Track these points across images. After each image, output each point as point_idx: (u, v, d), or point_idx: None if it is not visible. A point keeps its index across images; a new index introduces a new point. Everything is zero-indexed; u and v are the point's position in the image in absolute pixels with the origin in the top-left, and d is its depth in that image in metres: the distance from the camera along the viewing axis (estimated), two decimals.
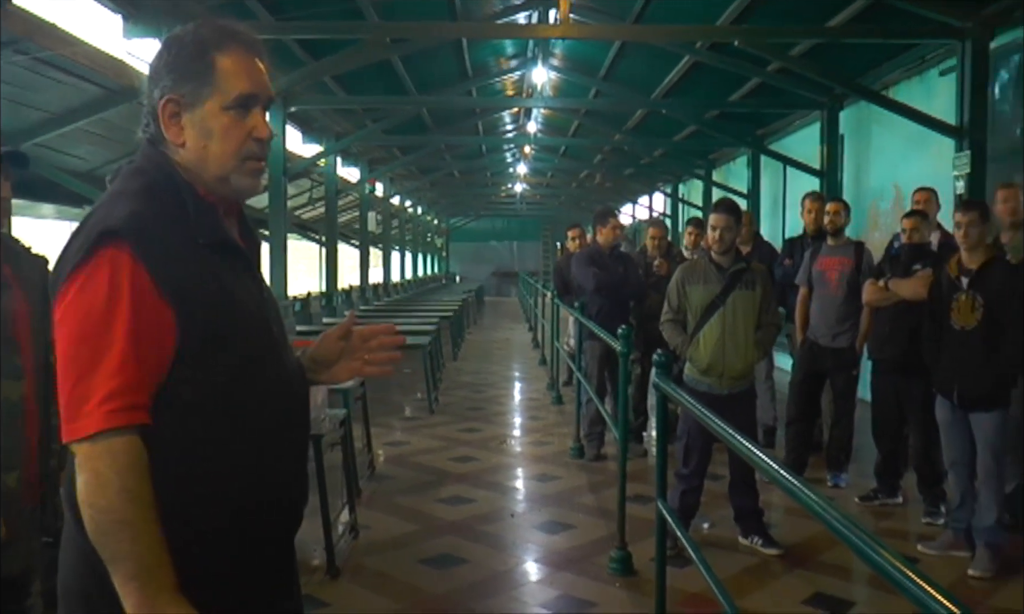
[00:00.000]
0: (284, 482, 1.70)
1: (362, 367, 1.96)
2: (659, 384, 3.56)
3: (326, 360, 1.95)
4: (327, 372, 1.95)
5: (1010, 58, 7.76)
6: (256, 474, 1.61)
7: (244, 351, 1.60)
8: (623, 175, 23.61)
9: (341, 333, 1.95)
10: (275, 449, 1.66)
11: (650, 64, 12.01)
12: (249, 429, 1.60)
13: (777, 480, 2.16)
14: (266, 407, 1.64)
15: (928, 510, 5.71)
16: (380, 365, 1.98)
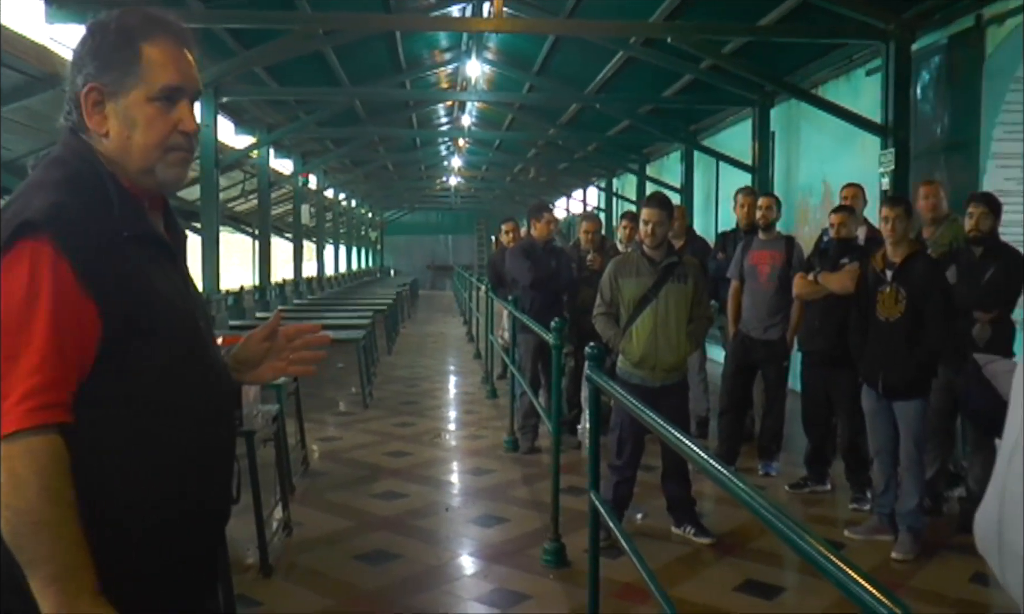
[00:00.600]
0: (210, 480, 1.66)
1: (287, 367, 1.94)
2: (592, 377, 3.58)
3: (250, 360, 1.92)
4: (251, 372, 1.92)
5: (931, 60, 7.97)
6: (181, 472, 1.57)
7: (169, 347, 1.56)
8: (557, 169, 23.70)
9: (265, 334, 1.92)
10: (201, 447, 1.63)
11: (584, 59, 12.07)
12: (174, 426, 1.56)
13: (707, 470, 2.19)
14: (192, 404, 1.60)
15: (855, 496, 5.86)
16: (304, 365, 1.97)
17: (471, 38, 13.38)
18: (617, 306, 5.19)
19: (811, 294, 5.93)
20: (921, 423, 5.01)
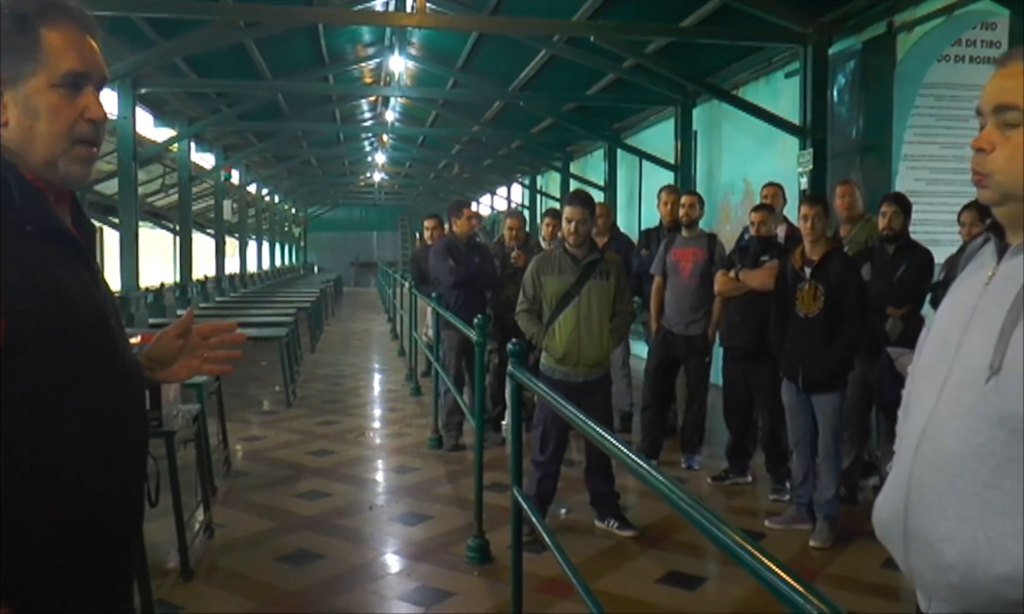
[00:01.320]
0: (121, 481, 1.61)
1: (201, 365, 1.89)
2: (514, 373, 3.58)
3: (163, 358, 1.87)
4: (165, 371, 1.87)
5: (846, 64, 8.19)
6: (90, 473, 1.52)
7: (78, 345, 1.50)
8: (481, 166, 23.68)
9: (178, 332, 1.87)
10: (111, 447, 1.57)
11: (508, 56, 12.07)
12: (83, 426, 1.50)
13: (627, 464, 2.21)
14: (100, 404, 1.54)
15: (775, 487, 5.99)
16: (220, 363, 1.92)
17: (394, 33, 13.29)
18: (540, 303, 5.20)
19: (732, 291, 6.04)
20: (839, 415, 5.15)
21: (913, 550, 1.59)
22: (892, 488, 1.68)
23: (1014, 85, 1.54)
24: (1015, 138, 1.54)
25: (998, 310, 1.52)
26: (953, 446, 1.52)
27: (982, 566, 1.47)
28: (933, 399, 1.60)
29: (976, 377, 1.51)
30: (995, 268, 1.60)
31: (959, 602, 1.53)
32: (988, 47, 8.04)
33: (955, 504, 1.51)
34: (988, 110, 1.58)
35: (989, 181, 1.57)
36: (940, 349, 1.64)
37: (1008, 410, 1.45)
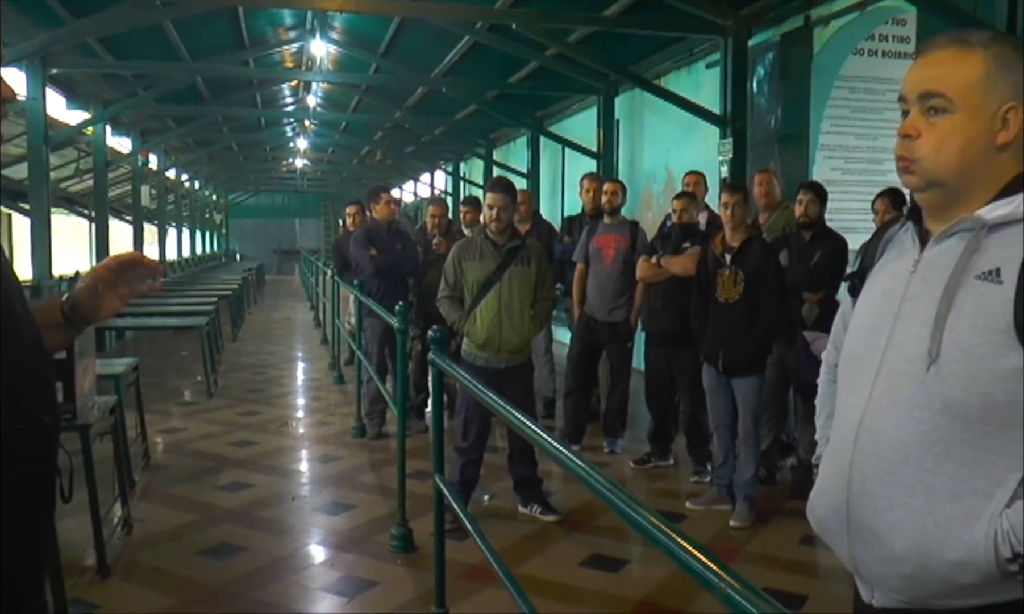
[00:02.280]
0: (26, 475, 1.55)
1: (126, 293, 1.83)
2: (435, 360, 3.57)
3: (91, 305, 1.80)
4: (95, 315, 1.81)
5: (765, 55, 8.34)
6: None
7: None
8: (404, 153, 23.51)
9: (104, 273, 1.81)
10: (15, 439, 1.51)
11: (430, 42, 11.98)
12: None
13: (547, 450, 2.22)
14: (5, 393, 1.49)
15: (696, 469, 6.10)
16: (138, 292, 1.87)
17: (316, 17, 13.08)
18: (461, 289, 5.20)
19: (654, 277, 6.11)
20: (758, 398, 5.27)
21: (858, 543, 1.59)
22: (829, 481, 1.68)
23: (939, 73, 1.57)
24: (941, 124, 1.56)
25: (929, 297, 1.53)
26: (895, 435, 1.53)
27: (934, 553, 1.48)
28: (867, 389, 1.60)
29: (914, 365, 1.52)
30: (919, 255, 1.62)
31: (910, 591, 1.55)
32: (899, 42, 8.28)
33: (901, 493, 1.52)
34: (913, 97, 1.60)
35: (916, 167, 1.59)
36: (869, 338, 1.64)
37: (950, 396, 1.47)
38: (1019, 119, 1.55)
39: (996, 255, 1.49)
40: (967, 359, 1.46)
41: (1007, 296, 1.45)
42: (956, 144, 1.55)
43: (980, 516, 1.45)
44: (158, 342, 13.28)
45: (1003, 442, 1.46)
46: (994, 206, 1.54)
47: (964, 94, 1.55)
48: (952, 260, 1.53)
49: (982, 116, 1.55)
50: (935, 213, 1.63)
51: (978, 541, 1.45)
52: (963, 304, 1.49)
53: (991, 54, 1.56)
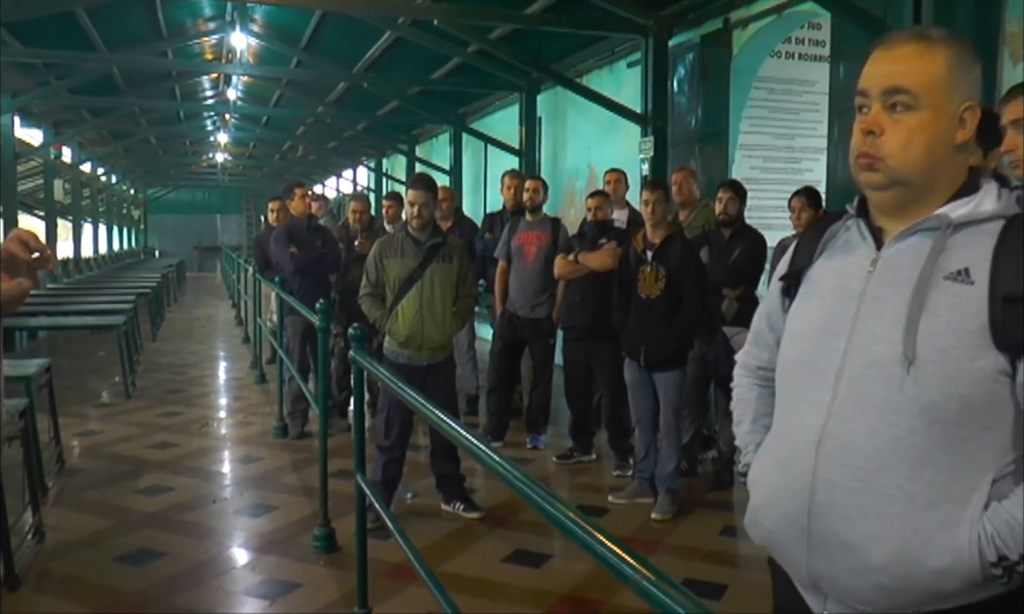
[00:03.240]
0: None
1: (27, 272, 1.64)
2: (356, 358, 3.55)
3: None
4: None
5: (686, 56, 8.47)
6: None
7: None
8: (327, 148, 23.31)
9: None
10: None
11: (353, 36, 11.87)
12: None
13: (467, 447, 2.23)
14: None
15: (618, 463, 6.16)
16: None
17: (236, 8, 12.83)
18: (383, 287, 5.18)
19: (572, 273, 6.15)
20: (679, 392, 5.35)
21: (821, 555, 1.55)
22: (781, 492, 1.62)
23: (905, 68, 1.55)
24: (907, 121, 1.54)
25: (896, 297, 1.51)
26: (866, 441, 1.49)
27: (915, 562, 1.46)
28: (827, 394, 1.55)
29: (885, 369, 1.49)
30: (876, 253, 1.59)
31: (885, 602, 1.51)
32: (815, 45, 8.51)
33: (877, 502, 1.48)
34: (876, 93, 1.57)
35: (881, 165, 1.55)
36: (822, 340, 1.59)
37: (928, 400, 1.45)
38: (975, 119, 1.56)
39: (963, 255, 1.49)
40: (944, 361, 1.45)
41: (980, 297, 1.45)
42: (923, 142, 1.53)
43: (960, 522, 1.45)
44: (73, 342, 12.92)
45: (978, 446, 1.46)
46: (955, 205, 1.55)
47: (930, 91, 1.53)
48: (917, 260, 1.52)
49: (946, 114, 1.54)
50: (892, 211, 1.60)
51: (961, 547, 1.44)
52: (935, 305, 1.48)
53: (952, 52, 1.56)
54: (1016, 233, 1.49)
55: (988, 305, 1.44)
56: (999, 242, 1.48)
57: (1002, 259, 1.46)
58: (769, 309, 1.84)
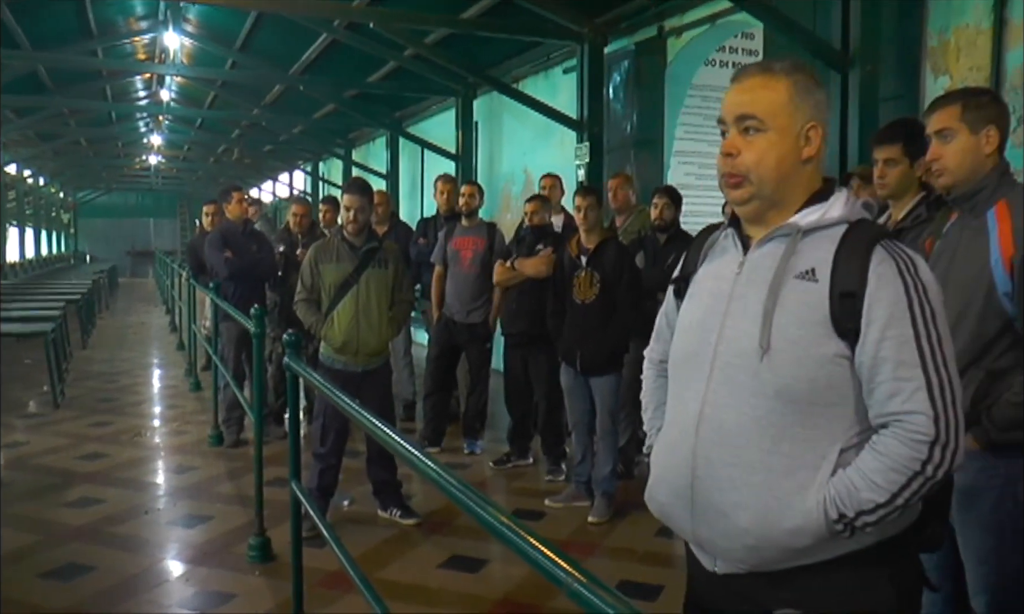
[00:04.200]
0: None
1: None
2: (290, 364, 3.52)
3: None
4: None
5: (621, 63, 8.55)
6: None
7: None
8: (262, 151, 23.02)
9: None
10: None
11: (288, 38, 11.74)
12: None
13: (401, 453, 2.23)
14: None
15: (551, 468, 6.19)
16: None
17: (168, 7, 12.59)
18: (318, 292, 5.14)
19: (509, 280, 6.18)
20: (615, 396, 5.39)
21: (703, 522, 1.77)
22: (670, 469, 1.84)
23: (751, 98, 1.78)
24: (757, 142, 1.77)
25: (755, 296, 1.73)
26: (735, 422, 1.71)
27: (775, 524, 1.67)
28: (704, 382, 1.78)
29: (746, 358, 1.71)
30: (743, 258, 1.81)
31: (752, 559, 1.73)
32: (748, 55, 8.64)
33: (743, 474, 1.70)
34: (730, 119, 1.81)
35: (745, 181, 1.77)
36: (700, 335, 1.81)
37: (781, 383, 1.67)
38: (819, 136, 1.79)
39: (811, 256, 1.72)
40: (793, 349, 1.67)
41: (823, 292, 1.67)
42: (772, 158, 1.76)
43: (811, 487, 1.66)
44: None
45: (827, 420, 1.68)
46: (805, 213, 1.77)
47: (773, 115, 1.76)
48: (773, 262, 1.74)
49: (790, 134, 1.77)
50: (755, 221, 1.82)
51: (811, 508, 1.65)
52: (786, 301, 1.70)
53: (793, 81, 1.78)
54: (854, 236, 1.71)
55: (829, 300, 1.67)
56: (840, 245, 1.71)
57: (841, 260, 1.69)
58: (667, 309, 2.09)
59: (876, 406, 1.66)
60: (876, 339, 1.64)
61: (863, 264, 1.66)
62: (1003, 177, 2.66)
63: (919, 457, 1.61)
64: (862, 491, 1.62)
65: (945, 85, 5.21)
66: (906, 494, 1.62)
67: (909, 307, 1.64)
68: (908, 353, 1.63)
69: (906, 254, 1.70)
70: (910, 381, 1.62)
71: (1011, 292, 2.53)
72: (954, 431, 1.62)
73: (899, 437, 1.62)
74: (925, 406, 1.61)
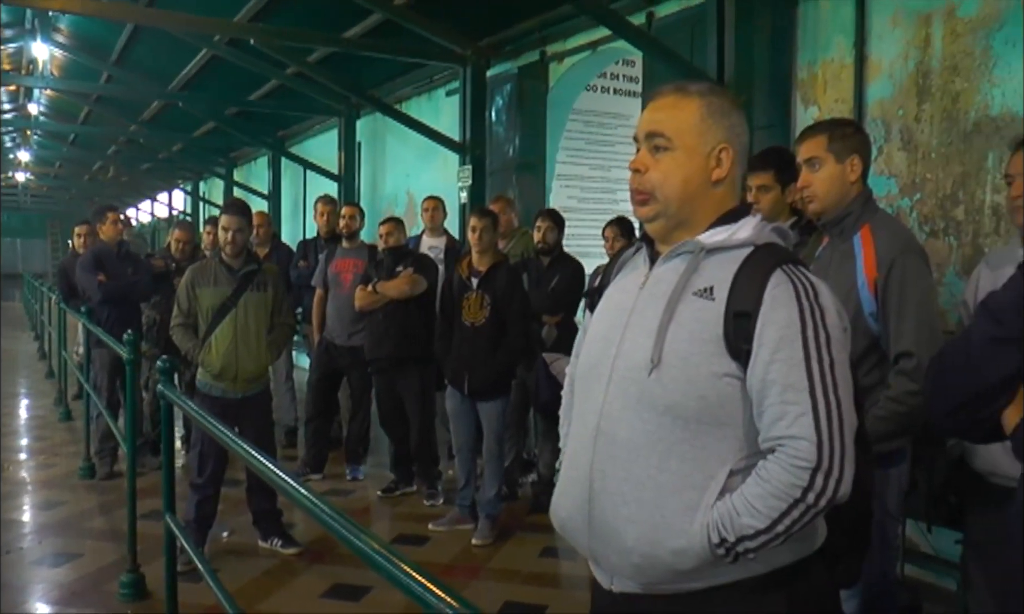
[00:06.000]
0: None
1: None
2: (164, 392, 3.41)
3: None
4: None
5: (503, 86, 8.63)
6: None
7: None
8: (140, 169, 22.29)
9: None
10: None
11: (167, 53, 11.39)
12: None
13: (276, 482, 2.19)
14: None
15: (428, 492, 6.14)
16: None
17: (36, 16, 12.06)
18: (195, 316, 5.00)
19: (372, 304, 6.09)
20: (501, 420, 5.40)
21: (598, 537, 1.73)
22: (571, 483, 1.81)
23: (662, 116, 1.80)
24: (664, 160, 1.78)
25: (653, 310, 1.72)
26: (627, 436, 1.69)
27: (660, 543, 1.64)
28: (601, 395, 1.76)
29: (639, 372, 1.69)
30: (647, 273, 1.81)
31: (641, 578, 1.70)
32: (629, 81, 8.85)
33: (633, 489, 1.67)
34: (641, 137, 1.82)
35: (651, 199, 1.79)
36: (602, 348, 1.80)
37: (671, 399, 1.65)
38: (730, 158, 1.79)
39: (711, 275, 1.70)
40: (685, 366, 1.65)
41: (719, 311, 1.66)
42: (678, 177, 1.77)
43: (698, 507, 1.63)
44: None
45: (716, 440, 1.65)
46: (712, 233, 1.76)
47: (681, 134, 1.78)
48: (675, 277, 1.73)
49: (698, 154, 1.77)
50: (663, 238, 1.83)
51: (695, 531, 1.62)
52: (682, 317, 1.68)
53: (705, 102, 1.80)
54: (756, 259, 1.70)
55: (723, 319, 1.66)
56: (741, 266, 1.69)
57: (740, 280, 1.67)
58: (584, 323, 2.03)
59: (764, 430, 1.63)
60: (766, 361, 1.61)
61: (760, 286, 1.65)
62: (867, 203, 2.82)
63: (799, 484, 1.57)
64: (743, 516, 1.59)
65: (814, 115, 5.44)
66: (786, 521, 1.58)
67: (802, 331, 1.62)
68: (796, 377, 1.60)
69: (807, 278, 1.68)
70: (796, 405, 1.59)
71: (876, 312, 2.68)
72: (838, 459, 1.58)
73: (781, 463, 1.59)
74: (809, 432, 1.58)
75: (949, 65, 4.74)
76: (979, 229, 4.58)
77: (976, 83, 4.61)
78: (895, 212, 4.82)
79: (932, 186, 4.81)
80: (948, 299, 4.37)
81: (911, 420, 2.62)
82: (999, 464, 2.54)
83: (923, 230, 4.81)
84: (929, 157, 4.83)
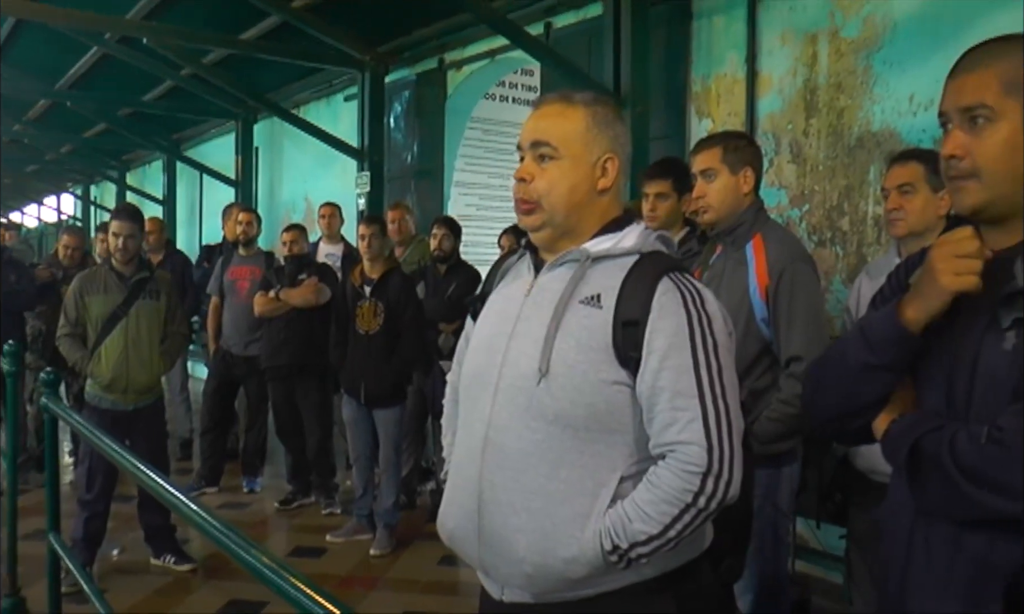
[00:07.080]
0: None
1: None
2: (48, 405, 3.29)
3: None
4: None
5: (402, 93, 8.62)
6: None
7: None
8: (25, 172, 21.38)
9: None
10: None
11: (54, 49, 10.91)
12: None
13: (163, 496, 2.16)
14: None
15: (326, 502, 6.09)
16: None
17: None
18: (84, 326, 4.82)
19: (273, 311, 6.01)
20: (398, 428, 5.39)
21: (488, 548, 1.72)
22: (459, 493, 1.80)
23: (547, 125, 1.79)
24: (549, 170, 1.77)
25: (539, 318, 1.71)
26: (516, 445, 1.68)
27: (551, 552, 1.64)
28: (488, 405, 1.74)
29: (527, 380, 1.68)
30: (532, 281, 1.81)
31: (532, 588, 1.70)
32: (527, 90, 8.92)
33: (523, 499, 1.67)
34: (526, 146, 1.80)
35: (537, 208, 1.77)
36: (487, 357, 1.79)
37: (559, 408, 1.65)
38: (616, 168, 1.80)
39: (598, 283, 1.71)
40: (572, 374, 1.65)
41: (607, 319, 1.66)
42: (564, 186, 1.76)
43: (589, 515, 1.64)
44: None
45: (606, 447, 1.66)
46: (598, 241, 1.77)
47: (567, 144, 1.77)
48: (561, 286, 1.73)
49: (584, 164, 1.77)
50: (548, 246, 1.82)
51: (587, 538, 1.62)
52: (569, 325, 1.68)
53: (591, 111, 1.79)
54: (642, 267, 1.71)
55: (612, 327, 1.66)
56: (628, 274, 1.70)
57: (627, 288, 1.68)
58: (467, 331, 2.03)
59: (655, 436, 1.64)
60: (655, 368, 1.62)
61: (648, 293, 1.65)
62: (758, 213, 2.93)
63: (690, 489, 1.58)
64: (635, 522, 1.60)
65: (708, 127, 5.59)
66: (678, 526, 1.60)
67: (690, 337, 1.63)
68: (686, 383, 1.61)
69: (693, 286, 1.70)
70: (686, 411, 1.60)
71: (767, 318, 2.78)
72: (728, 462, 1.60)
73: (672, 468, 1.60)
74: (699, 437, 1.59)
75: (834, 82, 4.95)
76: (863, 239, 4.78)
77: (859, 100, 4.82)
78: (785, 222, 5.00)
79: (820, 198, 5.00)
80: (835, 306, 4.54)
81: (801, 421, 2.72)
82: (878, 463, 2.65)
83: (811, 239, 4.99)
84: (817, 170, 5.03)
